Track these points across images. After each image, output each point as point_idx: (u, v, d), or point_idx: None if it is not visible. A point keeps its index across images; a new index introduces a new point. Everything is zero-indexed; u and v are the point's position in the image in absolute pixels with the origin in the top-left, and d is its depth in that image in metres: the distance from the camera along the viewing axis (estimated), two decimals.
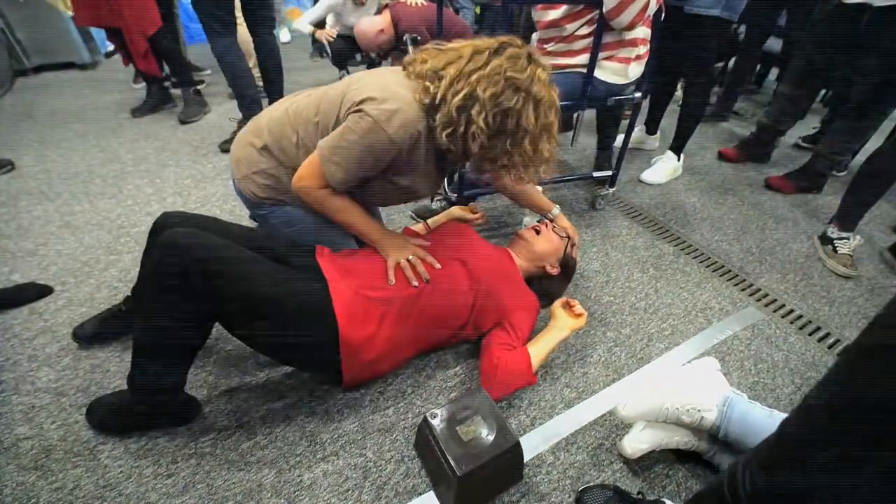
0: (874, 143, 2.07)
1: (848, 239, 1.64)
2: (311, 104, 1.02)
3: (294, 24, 2.89)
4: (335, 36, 2.78)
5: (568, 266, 1.30)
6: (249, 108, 2.19)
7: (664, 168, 2.14)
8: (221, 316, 0.89)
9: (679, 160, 2.15)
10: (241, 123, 2.21)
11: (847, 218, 1.66)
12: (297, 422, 1.03)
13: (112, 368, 1.12)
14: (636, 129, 2.30)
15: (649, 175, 2.12)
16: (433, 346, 1.15)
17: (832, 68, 1.88)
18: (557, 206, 1.36)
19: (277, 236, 1.09)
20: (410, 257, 1.04)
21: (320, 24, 2.86)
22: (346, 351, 0.93)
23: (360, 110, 0.89)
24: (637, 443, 0.95)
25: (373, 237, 1.05)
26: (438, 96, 0.88)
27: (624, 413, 0.94)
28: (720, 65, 3.12)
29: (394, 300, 0.98)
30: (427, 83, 0.90)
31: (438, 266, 1.06)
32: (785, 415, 0.89)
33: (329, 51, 2.82)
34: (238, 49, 2.07)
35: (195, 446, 0.97)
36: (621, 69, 1.46)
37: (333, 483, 0.93)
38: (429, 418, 0.89)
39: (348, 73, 3.14)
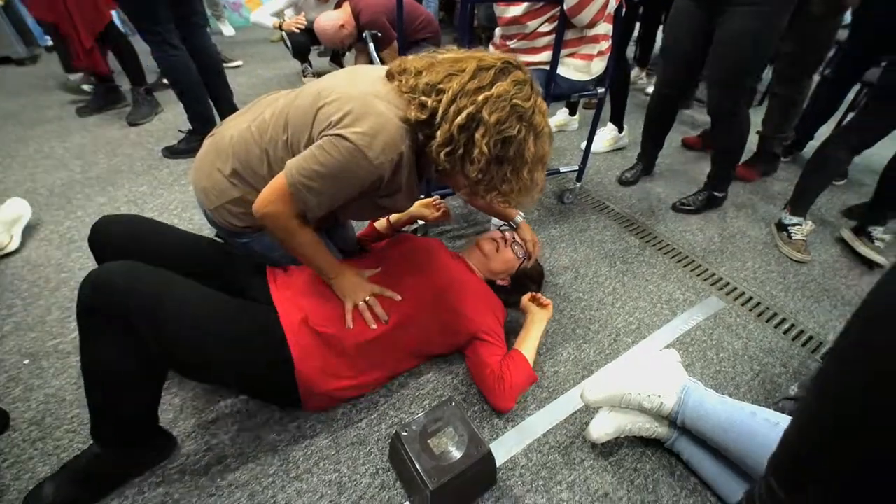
0: (825, 130, 2.17)
1: (801, 224, 1.71)
2: (277, 119, 0.92)
3: (253, 18, 2.74)
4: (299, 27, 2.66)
5: (531, 277, 1.33)
6: (202, 123, 2.10)
7: (603, 136, 2.30)
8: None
9: (621, 132, 2.31)
10: (191, 135, 2.12)
11: (799, 203, 1.73)
12: (268, 441, 1.01)
13: (69, 397, 1.07)
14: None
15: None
16: (405, 371, 1.16)
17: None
18: (521, 213, 1.34)
19: (226, 253, 1.05)
20: (368, 298, 1.01)
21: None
22: (304, 388, 0.94)
23: (338, 134, 0.80)
24: (602, 427, 0.98)
25: (329, 275, 1.00)
26: (439, 112, 0.81)
27: (589, 397, 0.98)
28: None
29: (353, 342, 0.98)
30: (423, 98, 0.82)
31: (398, 298, 1.04)
32: (735, 401, 0.94)
33: (289, 44, 2.71)
34: (179, 59, 1.93)
35: (162, 474, 0.94)
36: (584, 66, 1.46)
37: (308, 501, 0.92)
38: (400, 432, 0.89)
39: (310, 65, 3.04)
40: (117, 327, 0.76)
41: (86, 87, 2.73)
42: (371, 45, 2.29)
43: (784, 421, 0.85)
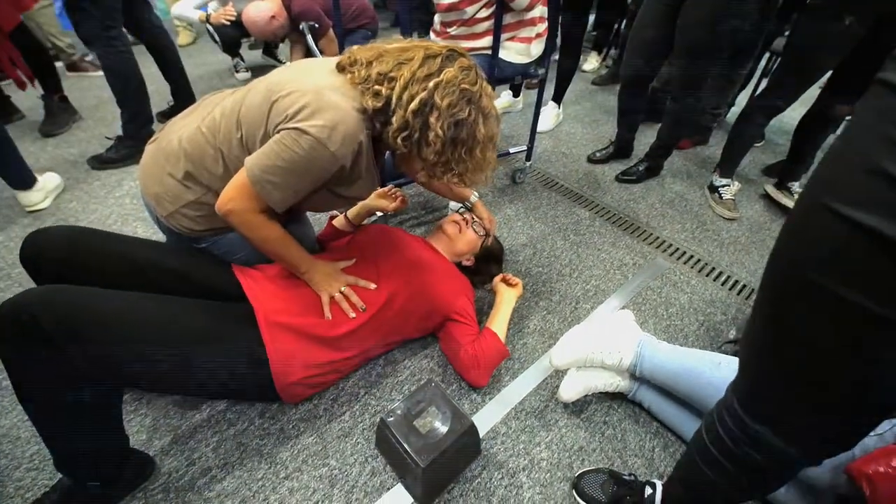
0: (743, 97, 2.37)
1: (729, 185, 1.88)
2: (229, 118, 0.90)
3: (174, 11, 2.55)
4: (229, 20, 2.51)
5: (493, 253, 1.39)
6: (138, 126, 1.93)
7: (548, 116, 2.37)
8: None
9: (559, 108, 2.41)
10: (121, 142, 1.96)
11: (726, 166, 1.90)
12: (252, 447, 1.01)
13: (23, 435, 1.00)
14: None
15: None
16: (380, 355, 1.20)
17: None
18: (475, 193, 1.38)
19: (191, 254, 1.02)
20: (343, 289, 1.03)
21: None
22: (279, 378, 0.94)
23: (297, 128, 0.80)
24: (572, 388, 1.07)
25: (302, 269, 1.01)
26: (393, 100, 0.84)
27: (557, 362, 1.05)
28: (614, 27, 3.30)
29: (331, 333, 0.99)
30: (377, 87, 0.84)
31: (373, 287, 1.07)
32: (684, 349, 1.05)
33: (218, 38, 2.56)
34: (130, 56, 1.79)
35: (144, 496, 0.92)
36: (524, 49, 1.50)
37: (301, 498, 0.93)
38: (385, 419, 0.92)
39: (242, 59, 2.89)
40: (35, 348, 0.69)
41: None
42: (309, 38, 2.22)
43: (725, 360, 0.96)
